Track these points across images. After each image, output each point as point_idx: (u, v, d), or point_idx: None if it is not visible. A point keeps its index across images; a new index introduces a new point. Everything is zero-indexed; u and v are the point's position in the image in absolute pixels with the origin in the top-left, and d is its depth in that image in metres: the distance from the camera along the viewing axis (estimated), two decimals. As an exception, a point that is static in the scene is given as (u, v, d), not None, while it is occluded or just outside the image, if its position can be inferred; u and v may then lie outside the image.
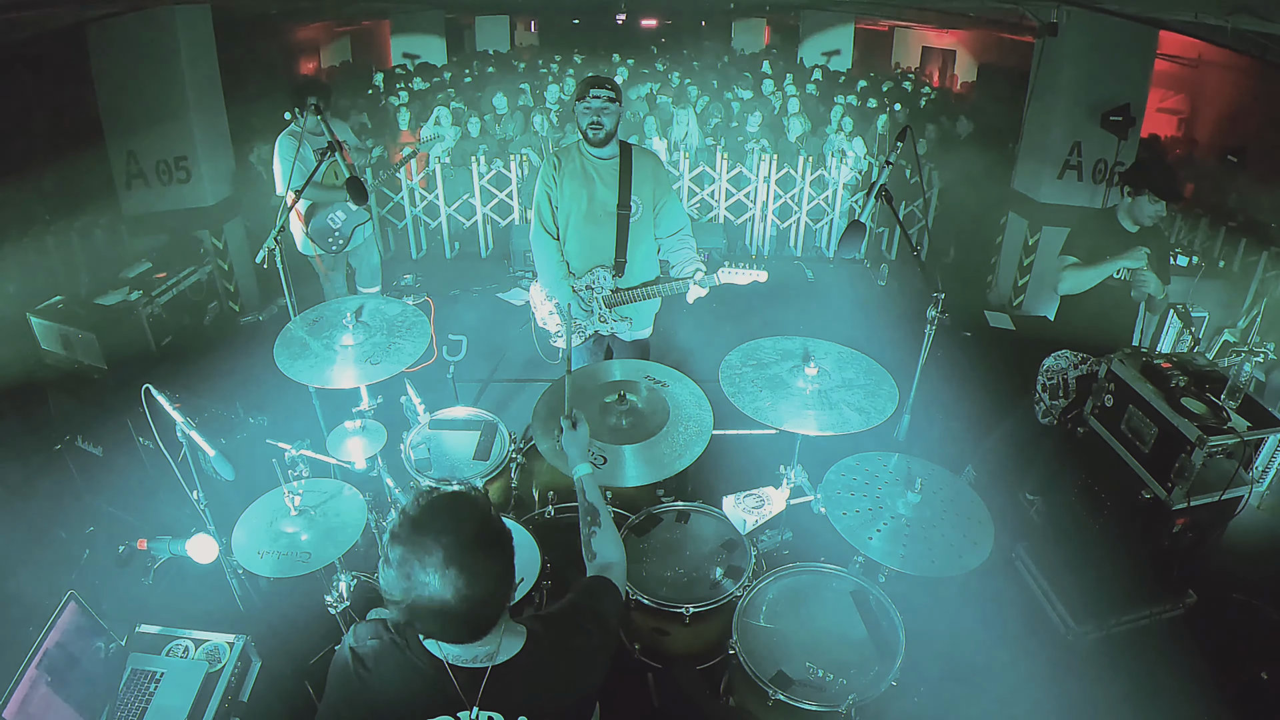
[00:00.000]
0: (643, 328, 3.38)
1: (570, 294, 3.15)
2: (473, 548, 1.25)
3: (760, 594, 2.27)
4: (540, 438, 2.41)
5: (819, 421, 2.35)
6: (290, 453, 2.53)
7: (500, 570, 1.30)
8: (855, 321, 5.55)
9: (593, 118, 2.95)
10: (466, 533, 1.25)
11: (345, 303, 2.88)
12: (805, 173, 6.73)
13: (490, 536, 1.29)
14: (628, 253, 3.13)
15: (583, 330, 3.26)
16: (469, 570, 1.23)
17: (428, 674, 1.35)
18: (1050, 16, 5.21)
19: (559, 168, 3.09)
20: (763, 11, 14.79)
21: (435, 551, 1.22)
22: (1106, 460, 2.88)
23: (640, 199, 3.09)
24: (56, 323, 3.84)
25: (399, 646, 1.38)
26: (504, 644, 1.38)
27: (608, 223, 3.08)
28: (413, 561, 1.23)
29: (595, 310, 3.19)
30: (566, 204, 3.10)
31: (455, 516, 1.27)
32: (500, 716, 1.36)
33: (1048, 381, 3.47)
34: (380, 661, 1.38)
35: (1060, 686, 2.74)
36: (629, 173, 3.05)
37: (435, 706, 1.35)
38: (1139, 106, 5.27)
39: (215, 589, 2.51)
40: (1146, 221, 3.27)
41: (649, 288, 3.19)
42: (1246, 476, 2.68)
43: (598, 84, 2.96)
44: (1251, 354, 2.97)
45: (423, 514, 1.26)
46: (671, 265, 3.20)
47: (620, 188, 3.05)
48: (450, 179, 6.74)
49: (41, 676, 1.91)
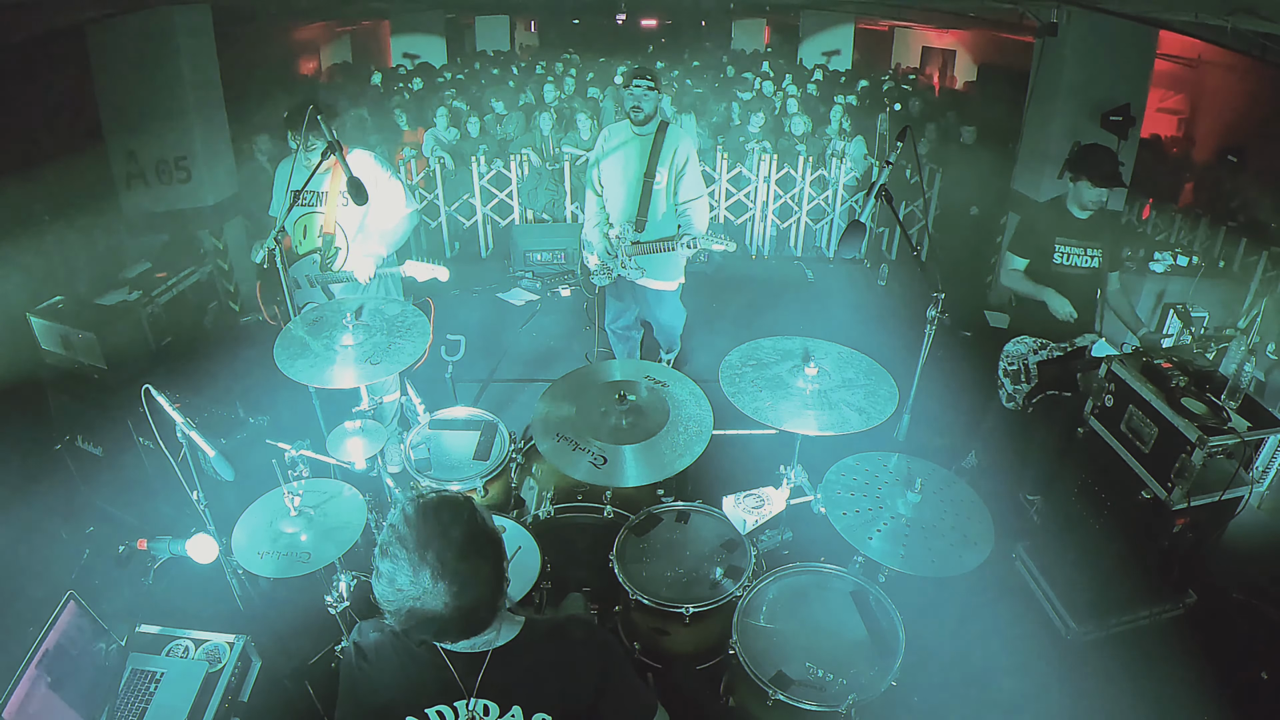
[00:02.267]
0: (660, 279, 3.98)
1: (602, 238, 3.92)
2: (461, 555, 1.25)
3: (760, 594, 2.27)
4: (540, 438, 2.41)
5: (819, 421, 2.35)
6: (290, 453, 2.52)
7: (489, 573, 1.29)
8: (855, 321, 5.56)
9: (634, 103, 3.63)
10: (453, 540, 1.25)
11: (346, 303, 2.88)
12: (805, 173, 6.74)
13: (478, 541, 1.28)
14: (649, 213, 3.79)
15: (610, 272, 3.96)
16: (459, 579, 1.23)
17: (426, 661, 1.37)
18: (1050, 16, 5.22)
19: (609, 139, 3.83)
20: (763, 11, 14.79)
21: (423, 564, 1.22)
22: (1106, 460, 2.88)
23: (664, 170, 3.72)
24: (56, 323, 3.82)
25: (399, 637, 1.38)
26: (502, 630, 1.40)
27: (636, 187, 3.75)
28: (401, 575, 1.23)
29: (619, 256, 3.87)
30: (609, 168, 3.82)
31: (440, 524, 1.26)
32: (496, 706, 1.37)
33: (1009, 367, 3.58)
34: (380, 653, 1.40)
35: (1060, 686, 2.75)
36: (659, 148, 3.70)
37: (434, 696, 1.36)
38: (1139, 106, 5.27)
39: (215, 589, 2.51)
40: (1091, 207, 3.33)
41: (659, 243, 3.81)
42: (1246, 477, 2.68)
43: (640, 75, 3.64)
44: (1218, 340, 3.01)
45: (408, 526, 1.26)
46: (679, 228, 3.82)
47: (650, 160, 3.71)
48: (450, 179, 6.74)
49: (41, 676, 1.91)
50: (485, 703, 1.36)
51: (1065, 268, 3.38)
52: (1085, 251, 3.38)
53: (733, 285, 6.20)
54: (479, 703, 1.36)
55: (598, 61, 11.61)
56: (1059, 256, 3.39)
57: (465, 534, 1.27)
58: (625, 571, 2.34)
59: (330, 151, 2.81)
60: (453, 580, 1.22)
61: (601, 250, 3.93)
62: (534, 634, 1.43)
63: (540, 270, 6.40)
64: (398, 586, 1.23)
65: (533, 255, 6.43)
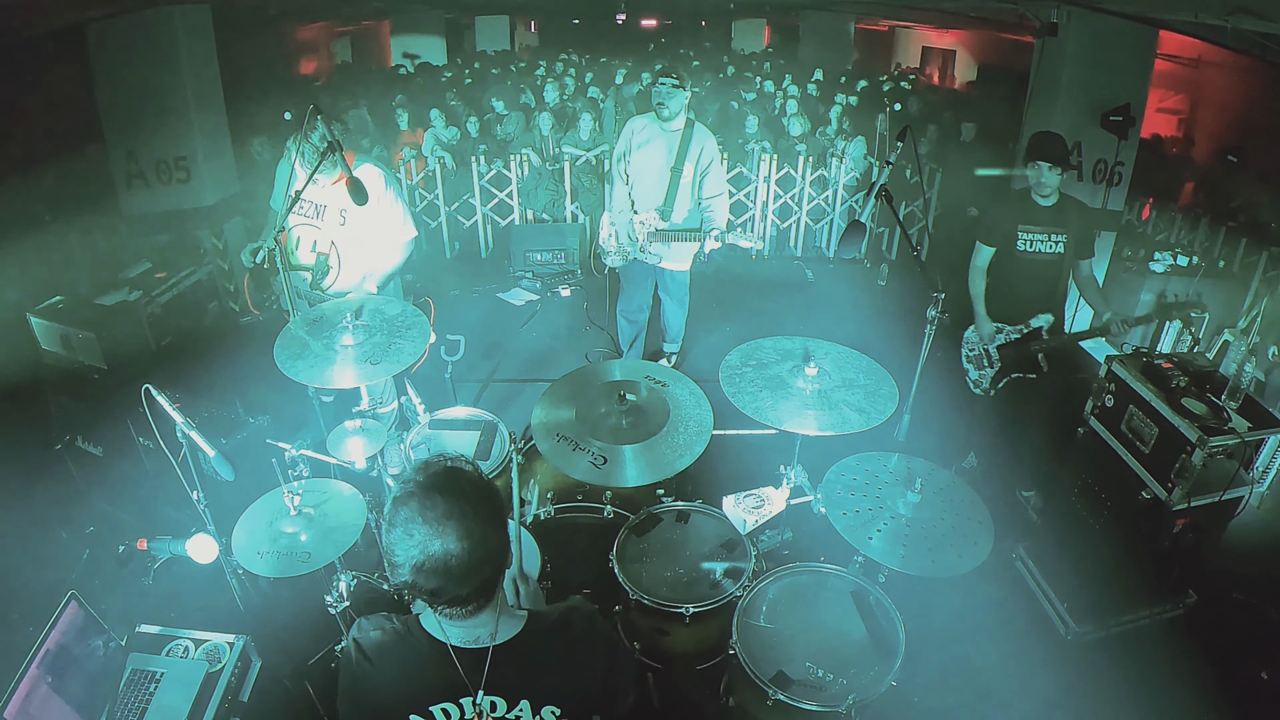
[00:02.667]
0: (677, 262, 4.28)
1: (628, 223, 4.13)
2: (474, 507, 1.30)
3: (760, 594, 2.27)
4: (540, 438, 2.41)
5: (819, 421, 2.35)
6: (290, 453, 2.52)
7: (496, 531, 1.33)
8: (855, 321, 5.56)
9: (660, 99, 3.88)
10: (467, 494, 1.30)
11: (346, 303, 2.87)
12: (805, 173, 6.74)
13: (489, 502, 1.34)
14: (674, 203, 4.03)
15: (628, 255, 4.22)
16: (471, 528, 1.27)
17: (429, 658, 1.37)
18: (1050, 16, 5.22)
19: (636, 132, 4.06)
20: (763, 11, 14.80)
21: (438, 507, 1.27)
22: (1106, 460, 2.88)
23: (691, 165, 3.97)
24: (56, 323, 3.83)
25: (400, 635, 1.40)
26: (502, 624, 1.40)
27: (664, 177, 3.99)
28: (416, 519, 1.27)
29: (640, 241, 4.12)
30: (638, 160, 4.05)
31: (455, 480, 1.32)
32: (503, 702, 1.37)
33: (970, 353, 3.66)
34: (382, 651, 1.40)
35: (1060, 686, 2.75)
36: (687, 144, 3.95)
37: (438, 693, 1.36)
38: (1139, 106, 5.27)
39: (215, 589, 2.51)
40: (1046, 191, 3.41)
41: (683, 231, 4.08)
42: (1247, 477, 2.68)
43: (665, 74, 3.90)
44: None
45: (425, 477, 1.32)
46: (702, 223, 4.07)
47: (678, 154, 3.95)
48: (450, 179, 6.74)
49: (42, 676, 1.91)
50: (493, 699, 1.37)
51: (1029, 254, 3.48)
52: (1050, 238, 3.45)
53: (733, 285, 6.20)
54: (487, 699, 1.36)
55: (598, 61, 11.62)
56: (1022, 243, 3.48)
57: (478, 491, 1.32)
58: (625, 571, 2.34)
59: (331, 151, 2.80)
60: (465, 527, 1.27)
61: (625, 235, 4.16)
62: (537, 628, 1.43)
63: (540, 270, 6.40)
64: (409, 530, 1.27)
65: (533, 255, 6.43)
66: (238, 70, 6.26)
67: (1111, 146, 5.32)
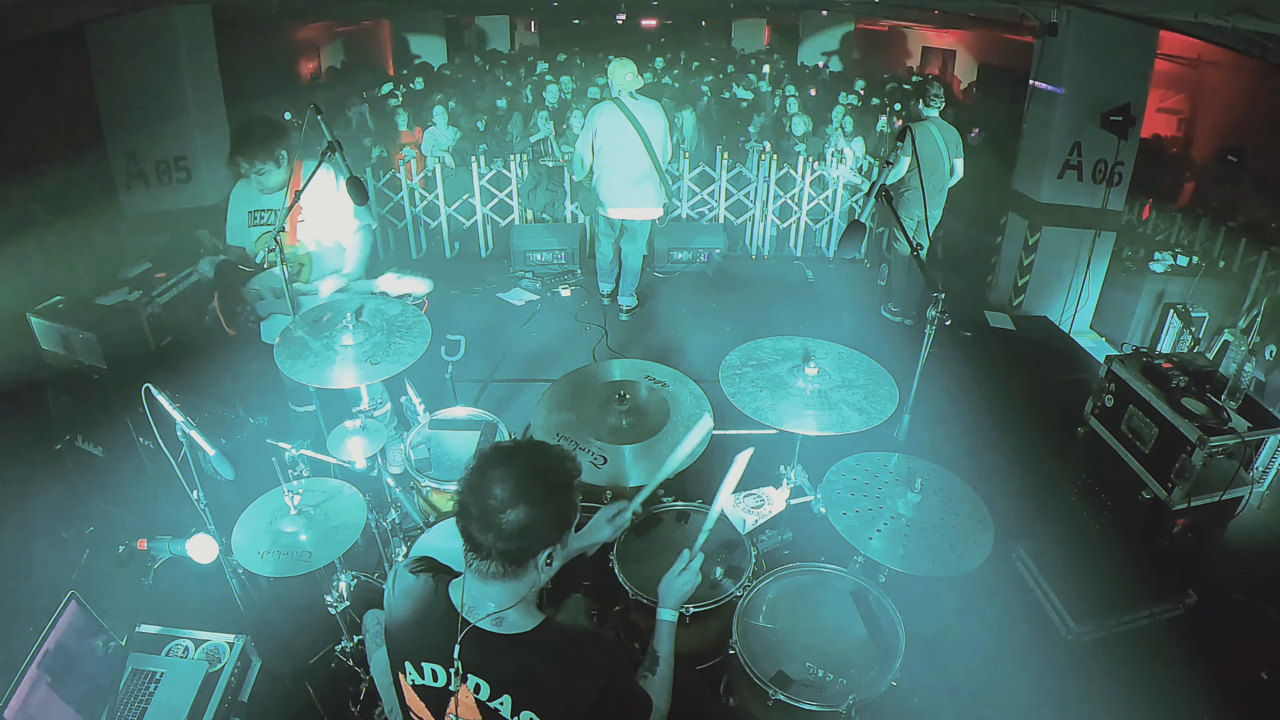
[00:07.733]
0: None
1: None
2: (542, 477, 1.43)
3: (760, 594, 2.27)
4: (540, 438, 2.41)
5: (819, 421, 2.35)
6: (290, 452, 2.52)
7: (551, 514, 1.42)
8: (855, 321, 5.56)
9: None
10: (539, 467, 1.44)
11: (346, 303, 2.87)
12: (805, 173, 6.73)
13: (560, 477, 1.47)
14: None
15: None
16: (531, 496, 1.38)
17: (440, 620, 1.43)
18: (1050, 16, 5.21)
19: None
20: (763, 11, 14.79)
21: (515, 465, 1.40)
22: (1107, 460, 2.88)
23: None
24: (56, 323, 3.83)
25: (427, 588, 1.49)
26: (516, 613, 1.43)
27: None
28: (492, 471, 1.40)
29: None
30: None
31: (538, 451, 1.48)
32: (487, 688, 1.39)
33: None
34: (407, 595, 1.51)
35: (1060, 686, 2.74)
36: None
37: (433, 652, 1.44)
38: (1139, 106, 5.26)
39: (215, 589, 2.51)
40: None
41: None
42: (1247, 477, 2.68)
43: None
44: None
45: (513, 445, 1.49)
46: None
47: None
48: (450, 179, 6.74)
49: (42, 676, 1.91)
50: (479, 681, 1.40)
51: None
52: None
53: (733, 285, 6.20)
54: (473, 679, 1.40)
55: (599, 61, 11.61)
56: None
57: (555, 466, 1.47)
58: (625, 571, 2.34)
59: (331, 151, 2.81)
60: (523, 499, 1.37)
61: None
62: (546, 636, 1.44)
63: (540, 270, 6.40)
64: (481, 482, 1.39)
65: (533, 255, 6.43)
66: (238, 70, 6.25)
67: (1111, 146, 5.32)
